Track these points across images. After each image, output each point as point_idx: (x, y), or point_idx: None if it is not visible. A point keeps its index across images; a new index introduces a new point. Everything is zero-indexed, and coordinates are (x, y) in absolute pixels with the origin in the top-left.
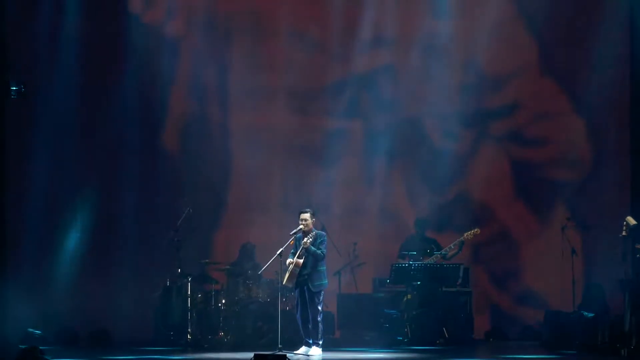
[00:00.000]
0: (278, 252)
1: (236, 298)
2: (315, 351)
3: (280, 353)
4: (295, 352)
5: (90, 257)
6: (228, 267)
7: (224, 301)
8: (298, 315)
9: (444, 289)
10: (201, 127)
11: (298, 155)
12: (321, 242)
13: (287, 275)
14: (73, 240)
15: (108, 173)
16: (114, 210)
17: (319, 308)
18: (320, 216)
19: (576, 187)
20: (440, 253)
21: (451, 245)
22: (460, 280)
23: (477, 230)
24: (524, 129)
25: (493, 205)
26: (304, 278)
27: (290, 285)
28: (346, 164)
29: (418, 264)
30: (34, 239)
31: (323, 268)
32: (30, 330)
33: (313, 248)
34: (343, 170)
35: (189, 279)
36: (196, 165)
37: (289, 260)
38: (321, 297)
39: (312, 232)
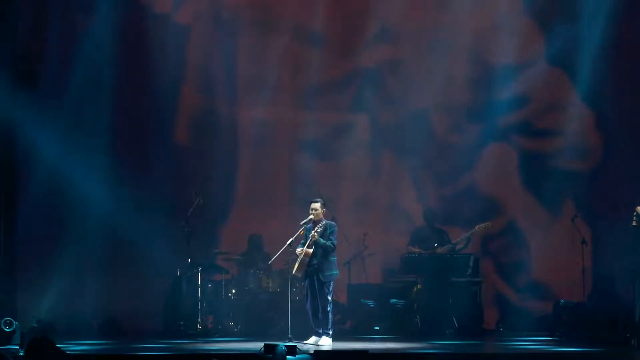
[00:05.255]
0: (288, 242)
1: (246, 288)
2: (325, 341)
3: (290, 343)
4: (305, 342)
5: (100, 247)
6: (238, 257)
7: (234, 291)
8: (308, 305)
9: (453, 279)
10: (210, 120)
11: (305, 149)
12: (331, 233)
13: (297, 265)
14: None
15: (118, 164)
16: (124, 201)
17: (329, 298)
18: (328, 209)
19: (586, 178)
20: (452, 244)
21: (461, 237)
22: (470, 271)
23: (488, 223)
24: (533, 120)
25: (501, 197)
26: (313, 268)
27: (300, 275)
28: (353, 158)
29: (428, 254)
30: (45, 229)
31: (333, 258)
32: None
33: (322, 241)
34: (350, 164)
35: (199, 269)
36: (205, 157)
37: (298, 250)
38: (331, 287)
39: (322, 222)
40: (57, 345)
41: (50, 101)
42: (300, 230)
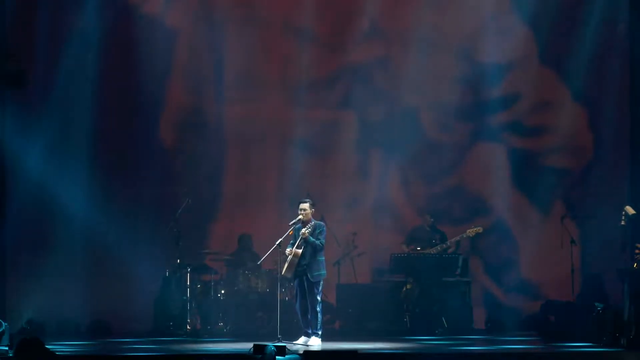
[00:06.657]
0: (277, 243)
1: (235, 288)
2: (315, 341)
3: (279, 343)
4: (294, 342)
5: (88, 248)
6: (227, 257)
7: (223, 291)
8: (297, 306)
9: (443, 279)
10: (198, 119)
11: (293, 146)
12: (320, 233)
13: (286, 265)
14: None
15: (106, 165)
16: (113, 202)
17: (318, 298)
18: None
19: (575, 177)
20: (444, 244)
21: (451, 241)
22: (459, 270)
23: (479, 228)
24: (522, 119)
25: (490, 196)
26: (302, 268)
27: (289, 276)
28: (341, 155)
29: (417, 254)
30: (33, 230)
31: (322, 258)
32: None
33: (312, 238)
34: (338, 161)
35: (189, 270)
36: (193, 157)
37: (287, 250)
38: (320, 287)
39: (311, 222)
40: (47, 346)
41: (38, 101)
42: (290, 231)
